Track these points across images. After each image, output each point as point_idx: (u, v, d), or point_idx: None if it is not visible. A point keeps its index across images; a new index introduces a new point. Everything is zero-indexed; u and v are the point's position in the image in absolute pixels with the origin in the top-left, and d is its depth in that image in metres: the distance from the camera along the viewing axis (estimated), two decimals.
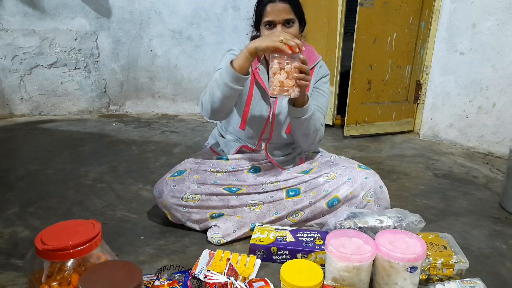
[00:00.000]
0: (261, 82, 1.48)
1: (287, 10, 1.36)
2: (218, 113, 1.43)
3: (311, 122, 1.43)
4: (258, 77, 1.48)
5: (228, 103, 1.39)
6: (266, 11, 1.36)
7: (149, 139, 2.67)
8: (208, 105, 1.39)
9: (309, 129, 1.44)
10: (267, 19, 1.36)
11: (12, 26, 2.93)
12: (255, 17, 1.44)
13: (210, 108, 1.39)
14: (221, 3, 3.13)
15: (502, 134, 2.50)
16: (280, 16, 1.35)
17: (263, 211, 1.47)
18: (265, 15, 1.37)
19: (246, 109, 1.50)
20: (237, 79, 1.30)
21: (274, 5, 1.35)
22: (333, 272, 1.12)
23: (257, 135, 1.55)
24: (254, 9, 1.44)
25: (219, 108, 1.38)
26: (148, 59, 3.26)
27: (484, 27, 2.45)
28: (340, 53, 2.85)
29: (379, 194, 1.46)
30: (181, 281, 1.10)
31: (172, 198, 1.41)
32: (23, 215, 1.60)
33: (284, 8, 1.35)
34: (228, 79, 1.30)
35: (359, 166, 1.51)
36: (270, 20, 1.36)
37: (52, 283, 0.94)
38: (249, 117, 1.51)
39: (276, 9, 1.35)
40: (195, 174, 1.47)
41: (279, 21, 1.36)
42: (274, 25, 1.37)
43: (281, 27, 1.36)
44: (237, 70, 1.29)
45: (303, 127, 1.43)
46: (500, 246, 1.48)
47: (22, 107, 3.12)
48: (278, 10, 1.35)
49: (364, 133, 2.88)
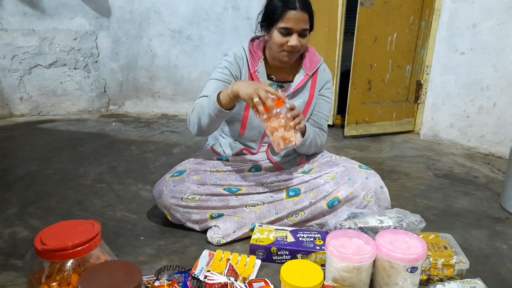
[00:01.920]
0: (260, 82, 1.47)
1: (305, 20, 1.35)
2: (204, 133, 1.47)
3: (312, 144, 1.49)
4: (257, 79, 1.47)
5: (214, 127, 1.43)
6: (286, 17, 1.33)
7: (148, 139, 2.67)
8: (195, 126, 1.42)
9: (310, 148, 1.53)
10: (285, 26, 1.34)
11: (11, 26, 2.93)
12: (267, 17, 1.41)
13: (197, 129, 1.42)
14: (221, 3, 3.13)
15: (503, 134, 2.49)
16: (299, 25, 1.34)
17: (263, 211, 1.46)
18: (283, 20, 1.34)
19: (246, 113, 1.49)
20: (222, 112, 1.32)
21: (295, 13, 1.33)
22: (333, 272, 1.11)
23: (258, 138, 1.55)
24: (267, 8, 1.41)
25: (206, 130, 1.42)
26: (148, 59, 3.26)
27: (485, 27, 2.45)
28: (340, 53, 2.85)
29: (380, 194, 1.46)
30: (181, 281, 1.10)
31: (172, 199, 1.41)
32: (22, 215, 1.60)
33: (304, 17, 1.34)
34: (214, 111, 1.32)
35: (359, 167, 1.50)
36: (288, 27, 1.34)
37: (52, 284, 0.94)
38: (248, 121, 1.50)
39: (297, 17, 1.33)
40: (195, 174, 1.46)
41: (297, 30, 1.34)
42: (290, 33, 1.35)
43: (296, 36, 1.35)
44: (223, 106, 1.30)
45: (304, 148, 1.52)
46: (501, 246, 1.48)
47: (21, 107, 3.12)
48: (298, 19, 1.33)
49: (365, 133, 2.88)
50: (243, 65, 1.49)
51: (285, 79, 1.54)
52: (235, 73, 1.48)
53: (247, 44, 1.51)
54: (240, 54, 1.49)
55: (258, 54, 1.49)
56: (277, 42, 1.38)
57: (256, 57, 1.49)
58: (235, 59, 1.48)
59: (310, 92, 1.54)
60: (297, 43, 1.36)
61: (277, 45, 1.38)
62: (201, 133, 1.44)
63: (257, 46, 1.51)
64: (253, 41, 1.53)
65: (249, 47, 1.50)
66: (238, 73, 1.49)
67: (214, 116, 1.33)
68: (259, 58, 1.48)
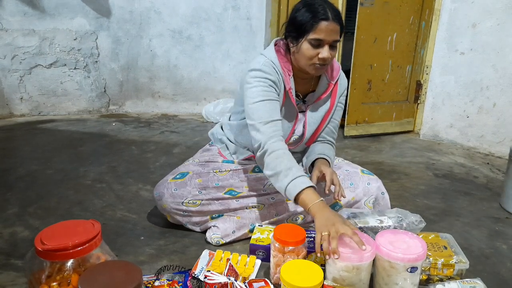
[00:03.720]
0: (293, 102, 1.41)
1: (337, 31, 1.29)
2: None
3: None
4: (292, 97, 1.40)
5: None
6: (318, 28, 1.26)
7: (149, 139, 2.67)
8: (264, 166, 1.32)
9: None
10: (317, 37, 1.26)
11: (11, 26, 2.93)
12: (295, 28, 1.31)
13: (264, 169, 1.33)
14: (221, 3, 3.13)
15: (503, 134, 2.49)
16: (331, 36, 1.27)
17: (263, 212, 1.46)
18: (315, 31, 1.26)
19: None
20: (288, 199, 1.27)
21: (328, 24, 1.26)
22: (333, 272, 1.12)
23: None
24: (295, 19, 1.31)
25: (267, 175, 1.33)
26: (148, 59, 3.26)
27: (485, 27, 2.45)
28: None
29: (380, 200, 1.46)
30: (181, 281, 1.10)
31: (172, 203, 1.40)
32: (22, 215, 1.60)
33: (336, 29, 1.28)
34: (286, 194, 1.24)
35: (362, 171, 1.50)
36: (320, 38, 1.26)
37: (52, 283, 0.94)
38: None
39: (329, 29, 1.26)
40: (197, 177, 1.44)
41: (328, 41, 1.28)
42: (321, 44, 1.28)
43: (327, 48, 1.28)
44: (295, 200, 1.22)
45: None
46: (501, 246, 1.48)
47: (21, 107, 3.12)
48: (330, 30, 1.26)
49: (364, 133, 2.88)
50: (280, 83, 1.37)
51: (307, 90, 1.47)
52: (278, 91, 1.37)
53: (275, 56, 1.38)
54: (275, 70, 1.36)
55: (289, 70, 1.39)
56: (307, 54, 1.30)
57: (287, 71, 1.39)
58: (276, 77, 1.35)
59: (331, 100, 1.49)
60: (328, 55, 1.29)
61: (306, 58, 1.31)
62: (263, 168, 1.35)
63: (286, 60, 1.40)
64: (277, 50, 1.41)
65: (280, 62, 1.38)
66: (280, 91, 1.38)
67: (281, 191, 1.26)
68: (289, 73, 1.39)
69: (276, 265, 1.18)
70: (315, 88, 1.47)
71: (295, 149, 1.53)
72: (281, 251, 1.16)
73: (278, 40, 1.43)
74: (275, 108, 1.33)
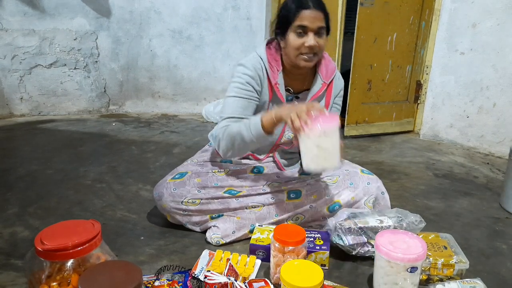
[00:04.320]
0: (281, 97, 1.43)
1: (321, 18, 1.32)
2: (235, 156, 1.44)
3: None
4: (278, 92, 1.42)
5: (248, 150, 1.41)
6: (300, 16, 1.30)
7: (149, 139, 2.67)
8: (227, 151, 1.37)
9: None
10: (301, 23, 1.30)
11: (11, 26, 2.93)
12: (281, 22, 1.36)
13: (231, 153, 1.38)
14: (221, 3, 3.13)
15: (503, 134, 2.49)
16: (314, 23, 1.30)
17: (263, 212, 1.46)
18: (298, 19, 1.30)
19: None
20: (265, 138, 1.29)
21: (310, 11, 1.30)
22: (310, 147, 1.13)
23: (267, 149, 1.53)
24: (281, 13, 1.36)
25: (239, 153, 1.40)
26: (148, 59, 3.26)
27: (485, 27, 2.45)
28: (340, 53, 2.85)
29: (380, 200, 1.46)
30: (181, 281, 1.10)
31: (172, 202, 1.40)
32: (22, 215, 1.60)
33: (319, 16, 1.31)
34: (257, 137, 1.28)
35: (362, 171, 1.50)
36: (304, 24, 1.30)
37: (52, 283, 0.94)
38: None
39: (311, 16, 1.30)
40: (196, 177, 1.45)
41: (312, 28, 1.30)
42: (305, 31, 1.31)
43: (313, 35, 1.31)
44: (266, 131, 1.26)
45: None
46: (500, 246, 1.48)
47: (21, 107, 3.12)
48: (313, 17, 1.30)
49: (364, 133, 2.88)
50: (264, 77, 1.41)
51: (301, 88, 1.48)
52: (257, 88, 1.40)
53: (264, 52, 1.42)
54: (260, 64, 1.40)
55: (277, 64, 1.42)
56: (293, 44, 1.32)
57: (276, 67, 1.42)
58: (255, 72, 1.39)
59: (326, 100, 1.49)
60: (315, 43, 1.31)
61: (294, 48, 1.33)
62: (232, 156, 1.42)
63: (275, 56, 1.43)
64: (268, 47, 1.44)
65: (267, 56, 1.42)
66: (259, 87, 1.41)
67: (255, 141, 1.29)
68: (278, 69, 1.41)
69: (276, 265, 1.18)
70: (309, 86, 1.48)
71: (292, 149, 1.54)
72: (281, 251, 1.17)
73: (270, 40, 1.46)
74: (244, 106, 1.38)
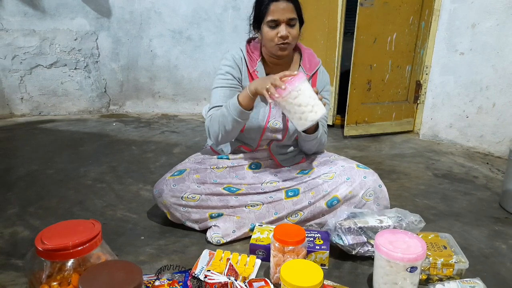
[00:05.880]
0: None
1: (290, 9, 1.37)
2: (227, 140, 1.51)
3: (318, 139, 1.52)
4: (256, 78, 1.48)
5: (236, 132, 1.45)
6: (270, 10, 1.36)
7: (149, 139, 2.67)
8: (218, 136, 1.45)
9: (315, 144, 1.56)
10: (271, 18, 1.36)
11: (12, 26, 2.93)
12: (255, 16, 1.44)
13: (221, 137, 1.46)
14: (221, 3, 3.13)
15: (502, 134, 2.50)
16: (284, 15, 1.36)
17: (263, 211, 1.47)
18: (268, 14, 1.37)
19: None
20: (245, 114, 1.36)
21: (278, 4, 1.36)
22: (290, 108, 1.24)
23: (257, 136, 1.55)
24: (254, 9, 1.44)
25: (229, 136, 1.46)
26: (148, 59, 3.26)
27: (484, 27, 2.45)
28: (340, 53, 2.85)
29: (378, 193, 1.46)
30: (181, 281, 1.10)
31: (172, 198, 1.42)
32: (23, 215, 1.60)
33: (288, 7, 1.37)
34: (237, 115, 1.36)
35: (357, 166, 1.51)
36: (274, 19, 1.36)
37: (52, 283, 0.94)
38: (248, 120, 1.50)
39: (280, 8, 1.36)
40: (195, 173, 1.47)
41: (283, 20, 1.36)
42: (277, 24, 1.38)
43: (284, 26, 1.37)
44: (244, 107, 1.34)
45: (310, 144, 1.55)
46: (500, 246, 1.48)
47: (22, 107, 3.13)
48: (282, 9, 1.36)
49: (364, 133, 2.88)
50: (243, 66, 1.51)
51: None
52: (237, 75, 1.50)
53: (244, 45, 1.54)
54: (238, 55, 1.51)
55: (256, 54, 1.52)
56: (268, 37, 1.40)
57: (254, 57, 1.51)
58: (234, 62, 1.50)
59: None
60: (287, 33, 1.37)
61: (269, 40, 1.40)
62: (225, 140, 1.49)
63: (254, 47, 1.53)
64: (249, 42, 1.56)
65: (247, 48, 1.53)
66: (239, 74, 1.51)
67: (238, 120, 1.36)
68: (257, 58, 1.51)
69: (276, 265, 1.19)
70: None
71: (284, 141, 1.57)
72: (281, 251, 1.17)
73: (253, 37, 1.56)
74: (227, 94, 1.48)
